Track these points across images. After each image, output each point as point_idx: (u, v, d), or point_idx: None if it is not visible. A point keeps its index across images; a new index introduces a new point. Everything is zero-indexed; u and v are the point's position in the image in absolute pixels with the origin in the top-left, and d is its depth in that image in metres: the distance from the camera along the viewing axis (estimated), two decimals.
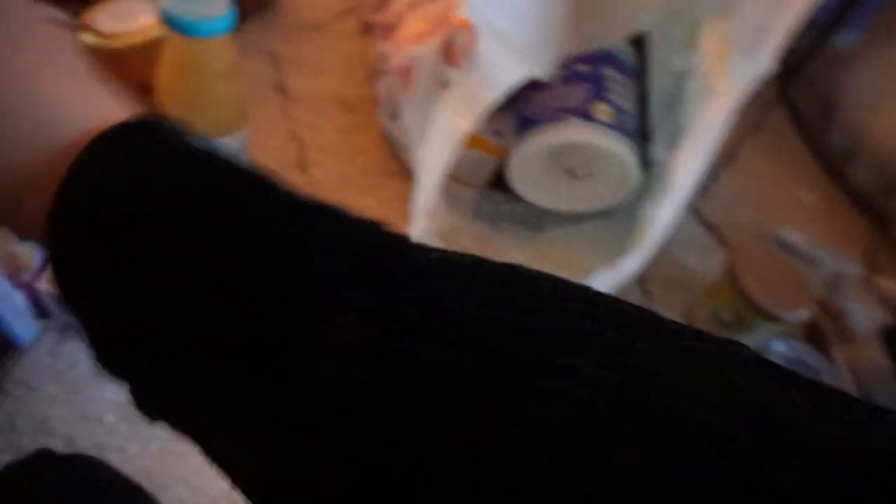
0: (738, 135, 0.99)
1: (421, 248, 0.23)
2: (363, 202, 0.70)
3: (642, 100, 0.71)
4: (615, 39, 0.63)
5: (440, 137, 0.48)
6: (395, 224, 0.60)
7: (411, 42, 0.57)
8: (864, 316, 0.76)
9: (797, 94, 1.07)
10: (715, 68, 0.57)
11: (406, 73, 0.57)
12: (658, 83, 0.68)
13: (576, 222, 0.73)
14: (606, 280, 0.61)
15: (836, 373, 0.61)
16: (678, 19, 0.63)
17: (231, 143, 0.58)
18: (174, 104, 0.54)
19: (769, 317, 0.66)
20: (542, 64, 0.57)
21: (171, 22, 0.48)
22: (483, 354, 0.18)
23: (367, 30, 0.85)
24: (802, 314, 0.66)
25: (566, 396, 0.17)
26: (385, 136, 0.73)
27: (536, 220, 0.74)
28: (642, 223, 0.61)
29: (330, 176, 0.71)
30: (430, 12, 0.58)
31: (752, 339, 0.67)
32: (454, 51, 0.48)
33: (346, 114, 0.78)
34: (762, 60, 0.49)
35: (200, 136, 0.26)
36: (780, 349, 0.61)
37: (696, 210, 0.86)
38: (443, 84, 0.50)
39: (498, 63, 0.48)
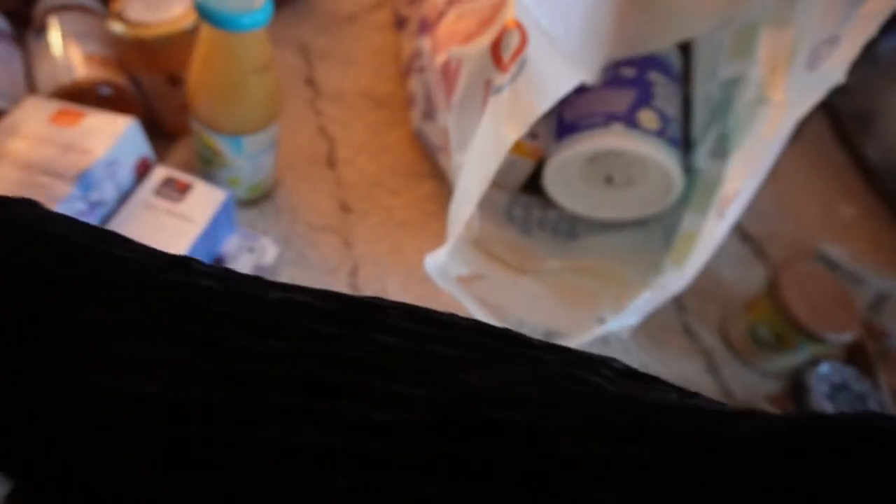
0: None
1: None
2: (391, 202, 0.68)
3: (686, 105, 0.68)
4: (667, 44, 0.60)
5: (485, 145, 0.46)
6: (425, 226, 0.58)
7: (456, 40, 0.54)
8: None
9: (839, 101, 1.03)
10: (771, 78, 0.54)
11: (448, 72, 0.55)
12: (704, 89, 0.65)
13: (610, 231, 0.70)
14: (651, 300, 0.58)
15: (882, 398, 0.58)
16: (730, 24, 0.60)
17: (262, 139, 0.56)
18: (205, 98, 0.52)
19: (813, 338, 0.63)
20: (590, 68, 0.54)
21: (205, 14, 0.46)
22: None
23: (400, 23, 0.82)
24: (848, 336, 0.63)
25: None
26: (417, 136, 0.71)
27: (569, 227, 0.71)
28: (688, 238, 0.59)
29: (358, 174, 0.69)
30: (475, 9, 0.55)
31: (792, 360, 0.64)
32: (504, 54, 0.46)
33: (377, 110, 0.75)
34: (830, 72, 0.46)
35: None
36: (824, 371, 0.58)
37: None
38: (490, 88, 0.47)
39: (549, 69, 0.45)
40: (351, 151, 0.71)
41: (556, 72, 0.45)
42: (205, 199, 0.54)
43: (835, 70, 0.46)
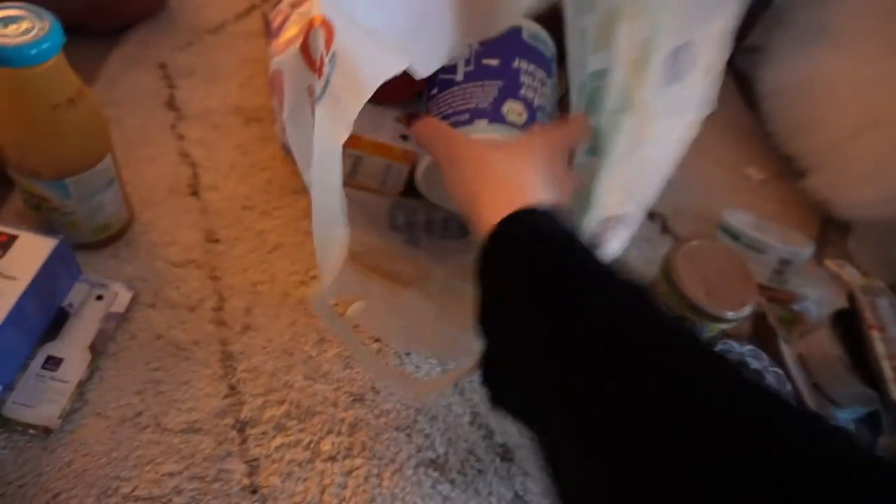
0: None
1: None
2: (264, 225, 0.63)
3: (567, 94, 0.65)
4: (502, 27, 0.56)
5: (322, 152, 0.42)
6: (301, 247, 0.56)
7: (280, 49, 0.50)
8: (815, 302, 0.72)
9: (745, 63, 1.01)
10: (634, 78, 0.52)
11: (276, 85, 0.51)
12: (577, 80, 0.62)
13: None
14: None
15: (780, 369, 0.56)
16: (589, 7, 0.57)
17: (92, 178, 0.51)
18: (8, 143, 0.47)
19: (711, 317, 0.61)
20: (424, 59, 0.50)
21: None
22: None
23: (268, 30, 0.78)
24: (747, 311, 0.61)
25: None
26: (285, 150, 0.66)
27: (459, 224, 0.68)
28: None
29: (225, 200, 0.64)
30: (303, 13, 0.51)
31: None
32: (314, 55, 0.42)
33: (247, 127, 0.71)
34: (695, 92, 0.45)
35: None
36: (720, 350, 0.56)
37: None
38: (310, 92, 0.44)
39: (363, 59, 0.42)
40: (217, 176, 0.66)
41: (371, 61, 0.42)
42: (31, 252, 0.50)
43: (699, 89, 0.44)
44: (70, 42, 0.45)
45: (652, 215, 0.79)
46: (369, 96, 0.42)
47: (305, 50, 0.43)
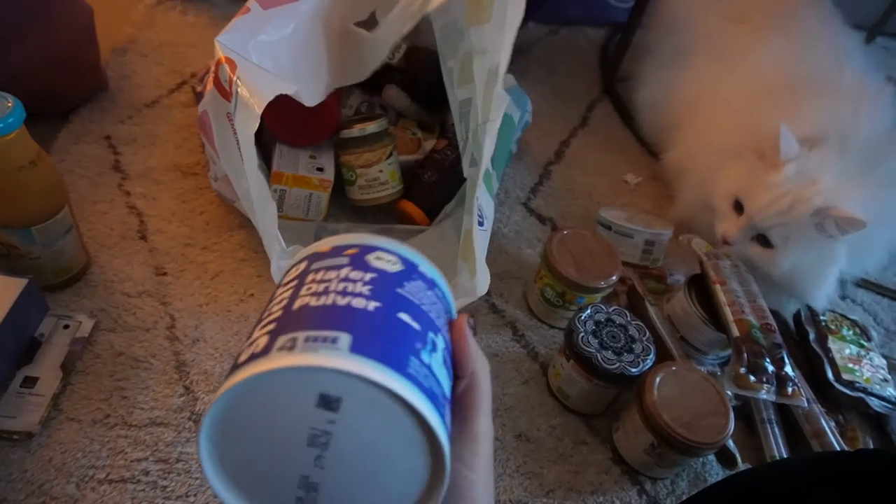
0: (567, 133, 1.10)
1: None
2: (205, 258, 0.75)
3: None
4: (368, 74, 0.72)
5: (244, 145, 0.55)
6: (238, 272, 0.65)
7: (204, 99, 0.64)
8: (683, 274, 0.85)
9: (620, 88, 1.19)
10: (485, 99, 0.66)
11: (204, 126, 0.64)
12: (454, 110, 0.76)
13: (413, 235, 0.79)
14: (465, 302, 0.66)
15: (642, 325, 0.69)
16: (454, 55, 0.72)
17: (53, 227, 0.62)
18: None
19: (584, 289, 0.74)
20: (310, 92, 0.65)
21: None
22: None
23: (197, 99, 0.91)
24: (612, 280, 0.74)
25: None
26: (218, 195, 0.78)
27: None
28: (467, 237, 0.67)
29: (170, 240, 0.75)
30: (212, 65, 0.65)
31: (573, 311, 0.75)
32: (224, 84, 0.55)
33: (184, 180, 0.83)
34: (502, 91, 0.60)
35: None
36: (588, 313, 0.68)
37: (529, 206, 0.94)
38: (228, 118, 0.57)
39: (259, 81, 0.56)
40: (161, 221, 0.77)
41: (266, 82, 0.56)
42: (4, 291, 0.59)
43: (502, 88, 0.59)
44: (26, 121, 0.56)
45: (542, 219, 0.93)
46: (268, 100, 0.55)
47: (217, 83, 0.57)
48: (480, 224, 0.65)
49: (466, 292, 0.67)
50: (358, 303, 0.27)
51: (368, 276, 0.29)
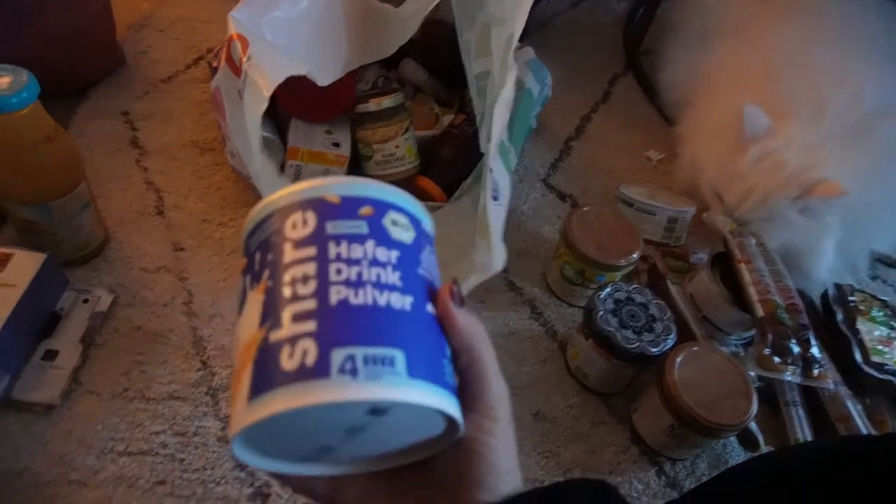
0: (588, 108, 1.08)
1: None
2: (221, 234, 0.74)
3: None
4: (393, 50, 0.70)
5: (251, 123, 0.54)
6: None
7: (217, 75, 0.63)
8: (706, 253, 0.83)
9: (645, 64, 1.16)
10: (502, 69, 0.64)
11: (217, 102, 0.63)
12: (473, 84, 0.75)
13: (437, 208, 0.78)
14: (475, 281, 0.65)
15: (663, 304, 0.67)
16: (471, 28, 0.70)
17: (70, 203, 0.62)
18: (1, 176, 0.58)
19: (604, 267, 0.72)
20: (325, 71, 0.63)
21: None
22: None
23: (213, 74, 0.90)
24: (633, 258, 0.72)
25: None
26: (234, 171, 0.78)
27: None
28: (483, 213, 0.66)
29: (187, 216, 0.75)
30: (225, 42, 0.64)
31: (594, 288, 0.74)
32: (235, 61, 0.54)
33: (201, 156, 0.82)
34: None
35: None
36: (607, 292, 0.67)
37: (549, 183, 0.93)
38: (240, 95, 0.56)
39: (270, 61, 0.54)
40: (178, 197, 0.77)
41: (277, 63, 0.54)
42: (25, 265, 0.60)
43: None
44: (44, 99, 0.56)
45: (562, 196, 0.91)
46: (277, 84, 0.54)
47: (229, 59, 0.56)
48: (495, 198, 0.63)
49: (483, 268, 0.66)
50: (396, 301, 0.27)
51: (394, 255, 0.29)
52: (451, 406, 0.27)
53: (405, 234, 0.30)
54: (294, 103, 0.76)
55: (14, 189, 0.59)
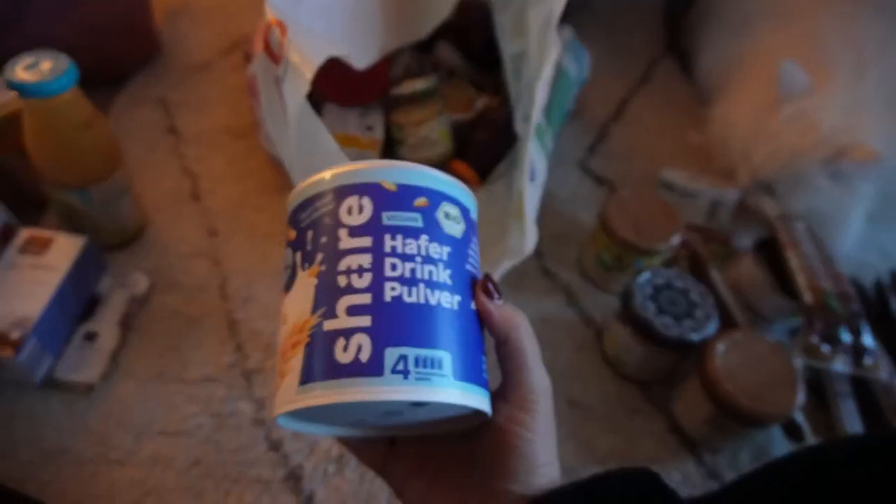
0: (627, 91, 1.05)
1: None
2: (256, 218, 0.75)
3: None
4: (428, 30, 0.68)
5: (293, 108, 0.53)
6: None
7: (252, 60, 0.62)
8: (749, 238, 0.80)
9: (684, 41, 1.12)
10: (541, 50, 0.63)
11: (253, 89, 0.63)
12: (507, 66, 0.73)
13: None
14: (508, 265, 0.64)
15: (704, 290, 0.65)
16: (507, 8, 0.68)
17: (109, 188, 0.63)
18: (44, 160, 0.59)
19: (643, 251, 0.70)
20: (361, 54, 0.62)
21: (17, 89, 0.54)
22: None
23: (249, 60, 0.90)
24: (674, 242, 0.70)
25: None
26: (269, 156, 0.78)
27: None
28: (519, 196, 0.65)
29: (222, 201, 0.76)
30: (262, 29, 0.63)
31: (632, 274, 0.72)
32: (274, 48, 0.54)
33: (236, 142, 0.83)
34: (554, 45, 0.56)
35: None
36: (646, 277, 0.65)
37: (586, 167, 0.90)
38: (276, 83, 0.56)
39: (309, 45, 0.53)
40: (214, 183, 0.78)
41: (317, 45, 0.54)
42: (66, 249, 0.61)
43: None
44: (83, 88, 0.56)
45: (600, 180, 0.89)
46: (318, 65, 0.53)
47: (267, 47, 0.56)
48: (531, 179, 0.62)
49: (516, 252, 0.65)
50: (446, 301, 0.28)
51: (445, 252, 0.29)
52: (484, 403, 0.28)
53: (456, 228, 0.30)
54: (329, 87, 0.75)
55: (55, 173, 0.60)
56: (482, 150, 0.80)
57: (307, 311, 0.28)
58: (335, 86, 0.75)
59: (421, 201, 0.29)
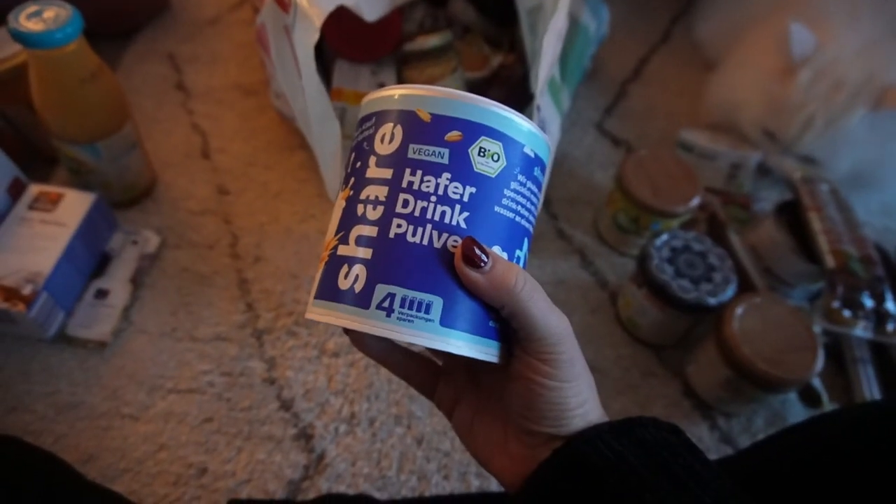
0: (646, 50, 1.01)
1: None
2: (266, 177, 0.74)
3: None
4: None
5: (304, 57, 0.52)
6: (299, 192, 0.61)
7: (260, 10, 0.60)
8: (766, 198, 0.78)
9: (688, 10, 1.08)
10: (554, 4, 0.60)
11: (262, 38, 0.61)
12: (524, 23, 0.71)
13: None
14: None
15: (723, 254, 0.63)
16: None
17: (118, 142, 0.62)
18: (50, 113, 0.58)
19: (661, 213, 0.68)
20: (372, 3, 0.60)
21: (21, 39, 0.52)
22: None
23: (257, 14, 0.88)
24: (693, 204, 0.68)
25: None
26: (278, 113, 0.76)
27: None
28: None
29: (232, 159, 0.75)
30: None
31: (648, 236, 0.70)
32: None
33: (246, 99, 0.81)
34: None
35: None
36: (664, 239, 0.63)
37: (603, 128, 0.88)
38: (286, 31, 0.54)
39: None
40: (224, 140, 0.77)
41: None
42: (75, 205, 0.61)
43: None
44: (91, 41, 0.55)
45: (617, 141, 0.87)
46: (328, 12, 0.51)
47: None
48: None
49: None
50: (452, 244, 0.27)
51: (468, 192, 0.27)
52: (483, 353, 0.28)
53: (491, 166, 0.28)
54: (341, 41, 0.73)
55: (62, 127, 0.59)
56: None
57: (333, 230, 0.29)
58: (348, 40, 0.73)
59: (454, 135, 0.27)
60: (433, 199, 0.27)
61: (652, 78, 0.97)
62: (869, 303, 0.61)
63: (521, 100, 0.76)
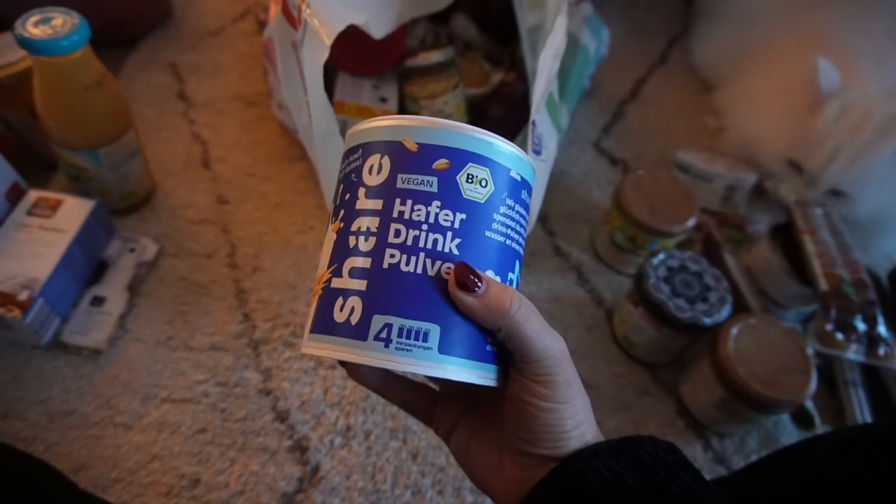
0: (644, 70, 1.03)
1: None
2: (266, 188, 0.74)
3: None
4: (441, 6, 0.67)
5: (311, 75, 0.52)
6: (298, 203, 0.61)
7: (270, 21, 0.61)
8: (764, 224, 0.79)
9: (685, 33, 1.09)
10: (554, 21, 0.61)
11: (269, 52, 0.61)
12: (525, 41, 0.72)
13: None
14: None
15: (718, 274, 0.64)
16: None
17: (119, 150, 0.62)
18: (52, 120, 0.58)
19: (657, 233, 0.69)
20: (379, 24, 0.61)
21: (27, 46, 0.52)
22: None
23: (261, 27, 0.89)
24: (689, 224, 0.69)
25: None
26: (280, 125, 0.77)
27: None
28: None
29: (232, 169, 0.75)
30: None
31: (644, 256, 0.71)
32: (293, 11, 0.52)
33: (247, 110, 0.82)
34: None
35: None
36: (660, 258, 0.64)
37: (600, 146, 0.89)
38: (294, 47, 0.54)
39: (330, 10, 0.52)
40: (224, 151, 0.77)
41: (337, 12, 0.52)
42: (74, 211, 0.61)
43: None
44: (94, 49, 0.55)
45: (614, 160, 0.88)
46: (337, 33, 0.51)
47: (286, 9, 0.54)
48: (537, 153, 0.60)
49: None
50: (446, 270, 0.27)
51: (459, 219, 0.27)
52: (481, 378, 0.28)
53: (479, 192, 0.28)
54: (345, 56, 0.74)
55: (64, 133, 0.59)
56: (496, 125, 0.79)
57: (325, 264, 0.29)
58: (350, 54, 0.74)
59: (441, 163, 0.28)
60: (424, 227, 0.27)
61: (649, 98, 0.98)
62: (861, 326, 0.62)
63: (521, 117, 0.76)
